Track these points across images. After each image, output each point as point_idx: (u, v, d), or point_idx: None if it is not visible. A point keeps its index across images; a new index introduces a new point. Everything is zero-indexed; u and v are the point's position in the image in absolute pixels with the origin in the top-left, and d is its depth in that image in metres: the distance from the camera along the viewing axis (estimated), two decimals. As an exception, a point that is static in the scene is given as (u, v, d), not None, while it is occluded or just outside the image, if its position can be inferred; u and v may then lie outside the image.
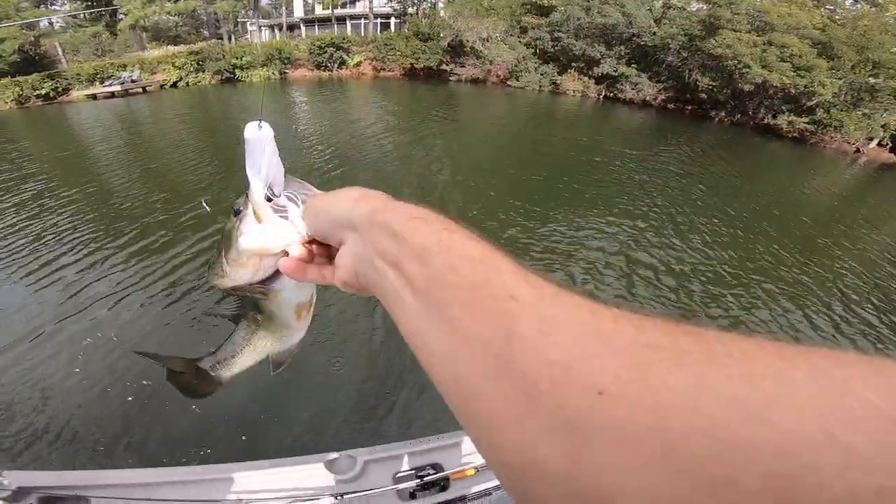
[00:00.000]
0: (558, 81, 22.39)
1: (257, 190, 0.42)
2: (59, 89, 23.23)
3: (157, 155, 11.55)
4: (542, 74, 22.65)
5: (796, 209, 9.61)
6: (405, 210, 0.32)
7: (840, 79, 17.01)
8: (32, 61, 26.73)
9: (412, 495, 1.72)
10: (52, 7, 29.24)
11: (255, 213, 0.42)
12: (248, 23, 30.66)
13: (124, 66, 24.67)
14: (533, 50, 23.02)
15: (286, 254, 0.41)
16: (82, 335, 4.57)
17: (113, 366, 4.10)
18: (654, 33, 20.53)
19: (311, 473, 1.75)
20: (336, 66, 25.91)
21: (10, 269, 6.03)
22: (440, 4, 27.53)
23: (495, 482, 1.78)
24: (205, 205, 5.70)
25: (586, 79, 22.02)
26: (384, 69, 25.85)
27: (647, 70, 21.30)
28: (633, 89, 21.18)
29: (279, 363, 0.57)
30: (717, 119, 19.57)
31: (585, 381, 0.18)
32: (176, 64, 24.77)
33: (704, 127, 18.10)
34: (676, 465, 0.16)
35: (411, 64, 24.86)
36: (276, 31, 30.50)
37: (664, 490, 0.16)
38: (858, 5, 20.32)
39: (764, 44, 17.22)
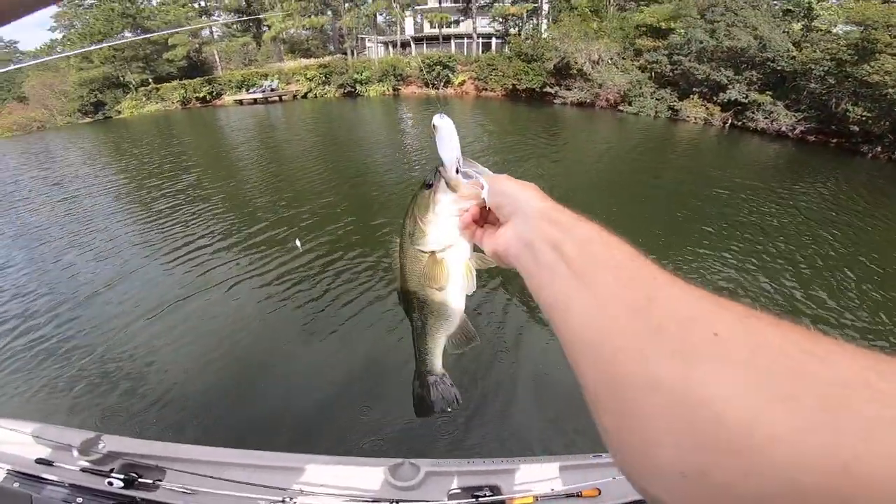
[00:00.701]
0: (677, 107, 20.66)
1: (450, 165, 0.54)
2: (214, 93, 28.04)
3: (286, 159, 13.30)
4: (658, 99, 21.15)
5: None
6: (571, 213, 0.42)
7: None
8: (195, 66, 32.51)
9: None
10: (213, 18, 35.10)
11: (448, 183, 0.55)
12: (367, 39, 33.60)
13: (265, 76, 28.82)
14: (649, 74, 21.62)
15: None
16: (197, 314, 5.35)
17: (216, 347, 4.69)
18: (793, 58, 18.08)
19: (373, 475, 1.79)
20: (442, 84, 27.12)
21: (157, 248, 7.38)
22: (544, 25, 27.37)
23: None
24: (298, 244, 6.42)
25: (711, 105, 20.01)
26: (486, 89, 26.34)
27: (783, 97, 18.76)
28: (766, 118, 18.76)
29: (467, 338, 0.68)
30: (870, 154, 16.35)
31: (708, 327, 0.25)
32: (307, 76, 28.20)
33: (854, 164, 15.20)
34: (767, 381, 0.21)
35: (513, 85, 24.93)
36: (391, 47, 32.95)
37: (752, 393, 0.21)
38: None
39: None
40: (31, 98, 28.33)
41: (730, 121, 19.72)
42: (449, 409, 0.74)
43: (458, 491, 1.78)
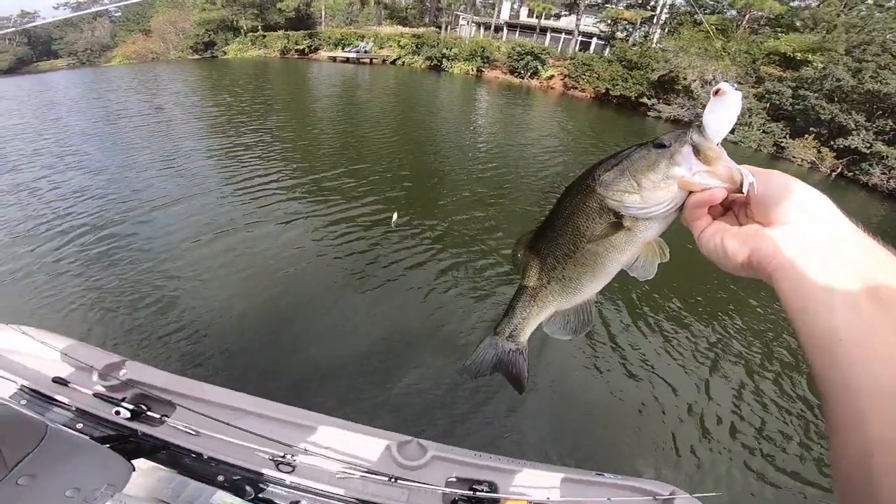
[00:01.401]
0: (784, 144, 18.65)
1: (715, 135, 0.46)
2: (312, 47, 29.48)
3: (363, 118, 13.74)
4: (765, 132, 19.19)
5: None
6: (887, 247, 0.35)
7: None
8: (301, 20, 34.07)
9: (454, 503, 1.67)
10: None
11: (701, 149, 0.46)
12: (462, 17, 33.37)
13: (362, 37, 29.91)
14: (764, 104, 19.67)
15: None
16: (246, 244, 5.58)
17: (255, 283, 4.83)
18: None
19: (379, 447, 1.79)
20: (528, 74, 26.46)
21: (230, 176, 7.87)
22: (656, 36, 25.61)
23: None
24: (395, 218, 6.33)
25: (825, 149, 17.88)
26: (575, 87, 25.27)
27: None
28: (883, 173, 16.45)
29: (582, 322, 0.59)
30: None
31: None
32: (400, 43, 28.89)
33: None
34: None
35: (606, 89, 23.70)
36: (483, 29, 32.48)
37: None
38: None
39: None
40: (155, 31, 31.08)
41: (840, 169, 17.53)
42: (513, 385, 0.64)
43: (457, 481, 1.76)
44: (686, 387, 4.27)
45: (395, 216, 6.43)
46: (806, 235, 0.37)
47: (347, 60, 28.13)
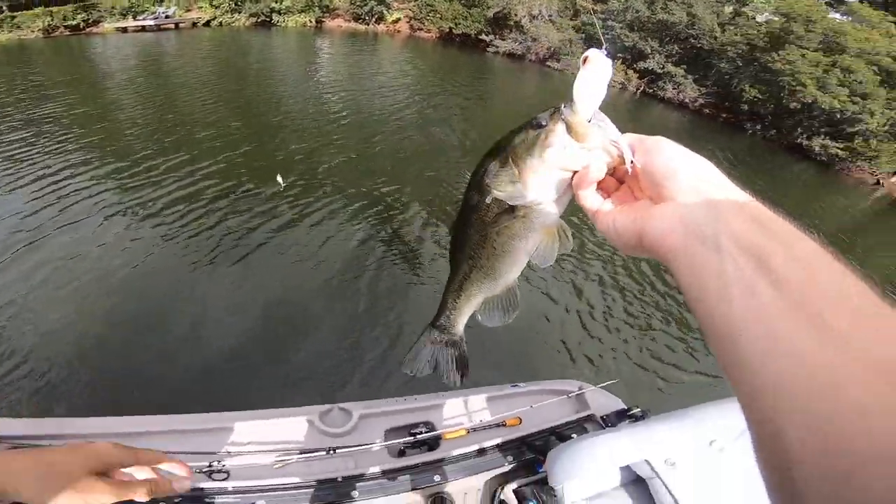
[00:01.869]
0: (601, 70, 21.88)
1: (584, 110, 0.44)
2: (90, 20, 22.82)
3: (177, 89, 11.38)
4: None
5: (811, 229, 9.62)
6: (779, 215, 0.33)
7: (893, 110, 16.42)
8: None
9: (401, 452, 1.70)
10: None
11: (572, 127, 0.44)
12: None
13: (161, 1, 24.30)
14: (582, 35, 22.16)
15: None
16: (61, 256, 4.46)
17: (94, 294, 4.00)
18: (715, 38, 19.70)
19: (303, 425, 1.71)
20: (374, 20, 25.26)
21: (16, 182, 6.03)
22: None
23: (484, 444, 1.80)
24: (280, 180, 5.68)
25: (630, 71, 21.24)
26: (420, 29, 25.11)
27: (693, 72, 20.57)
28: (674, 89, 20.49)
29: (507, 307, 0.59)
30: (749, 132, 19.05)
31: None
32: (213, 2, 24.32)
33: (736, 137, 17.80)
34: None
35: (450, 28, 24.09)
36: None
37: None
38: None
39: (828, 65, 16.48)
40: None
41: (642, 87, 21.20)
42: (449, 380, 0.63)
43: (394, 430, 1.78)
44: (568, 300, 4.95)
45: (279, 178, 5.80)
46: (695, 214, 0.34)
47: (144, 29, 22.63)
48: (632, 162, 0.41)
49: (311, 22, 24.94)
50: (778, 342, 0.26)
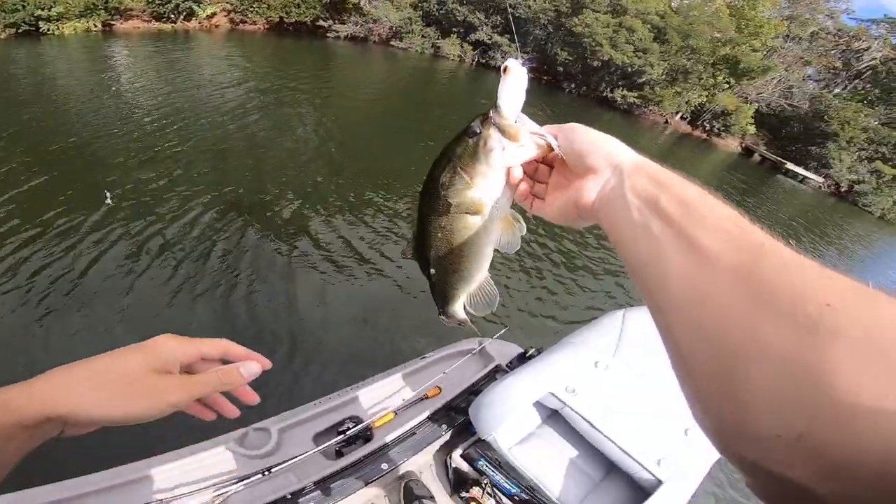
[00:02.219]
0: (439, 45, 22.53)
1: (510, 113, 0.50)
2: None
3: None
4: (424, 37, 22.49)
5: None
6: (669, 169, 0.40)
7: (665, 61, 20.66)
8: None
9: (338, 453, 1.67)
10: None
11: (503, 130, 0.50)
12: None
13: None
14: (420, 12, 22.60)
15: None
16: None
17: None
18: (529, 7, 21.75)
19: (225, 455, 1.58)
20: (182, 17, 21.60)
21: None
22: None
23: (415, 421, 1.82)
24: (108, 196, 4.57)
25: (466, 45, 22.52)
26: (244, 21, 22.39)
27: (517, 41, 22.76)
28: (503, 58, 22.43)
29: (488, 299, 0.64)
30: (567, 90, 22.29)
31: (818, 297, 0.25)
32: None
33: (557, 96, 20.72)
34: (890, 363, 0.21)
35: (280, 17, 22.03)
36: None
37: (882, 382, 0.21)
38: None
39: (616, 26, 19.68)
40: None
41: (476, 59, 22.91)
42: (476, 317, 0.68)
43: (322, 432, 1.74)
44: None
45: (106, 194, 4.88)
46: (610, 180, 0.42)
47: None
48: (557, 147, 0.49)
49: (95, 26, 20.10)
50: (668, 266, 0.33)
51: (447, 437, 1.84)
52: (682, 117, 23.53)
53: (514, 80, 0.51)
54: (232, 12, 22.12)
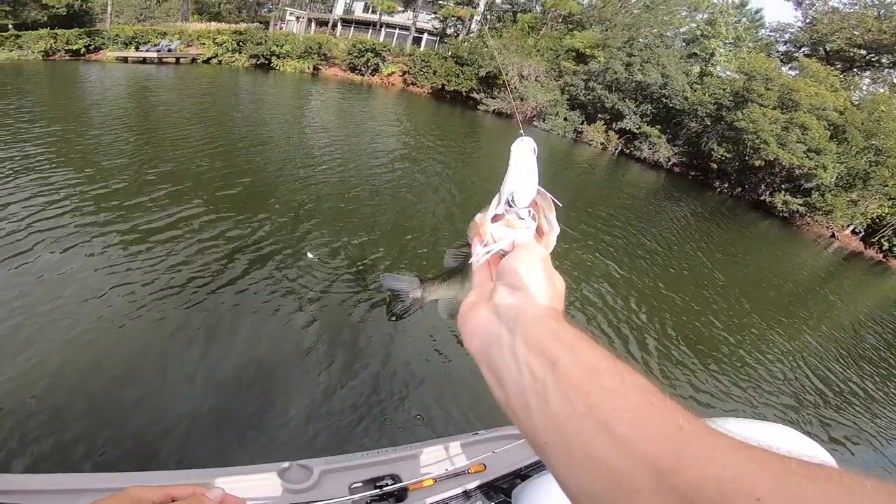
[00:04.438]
0: (582, 130, 22.85)
1: (494, 204, 0.46)
2: (92, 47, 23.09)
3: (166, 123, 11.14)
4: (566, 120, 23.11)
5: (776, 283, 10.53)
6: (576, 328, 0.34)
7: (842, 163, 17.42)
8: (75, 17, 27.03)
9: None
10: None
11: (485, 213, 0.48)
12: (289, 12, 31.27)
13: (164, 34, 24.91)
14: (567, 95, 23.49)
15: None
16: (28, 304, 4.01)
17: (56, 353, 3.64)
18: (686, 98, 21.08)
19: (262, 483, 1.66)
20: (369, 71, 26.37)
21: None
22: (473, 28, 28.16)
23: (451, 493, 1.78)
24: (310, 255, 5.39)
25: (611, 132, 22.42)
26: (414, 84, 26.27)
27: (667, 132, 21.77)
28: (650, 149, 21.63)
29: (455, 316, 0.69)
30: (719, 190, 20.24)
31: (748, 491, 0.23)
32: (217, 41, 25.11)
33: (705, 195, 18.95)
34: None
35: (442, 84, 25.29)
36: (314, 24, 31.02)
37: None
38: (878, 87, 21.28)
39: (786, 122, 17.63)
40: None
41: (620, 147, 22.46)
42: (390, 314, 0.82)
43: (360, 484, 1.75)
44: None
45: (310, 254, 5.58)
46: (499, 319, 0.37)
47: (144, 61, 22.96)
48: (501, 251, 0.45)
49: (309, 68, 25.96)
50: (573, 453, 0.28)
51: (482, 513, 1.77)
52: (853, 231, 19.20)
53: (513, 160, 0.45)
54: (406, 73, 26.48)
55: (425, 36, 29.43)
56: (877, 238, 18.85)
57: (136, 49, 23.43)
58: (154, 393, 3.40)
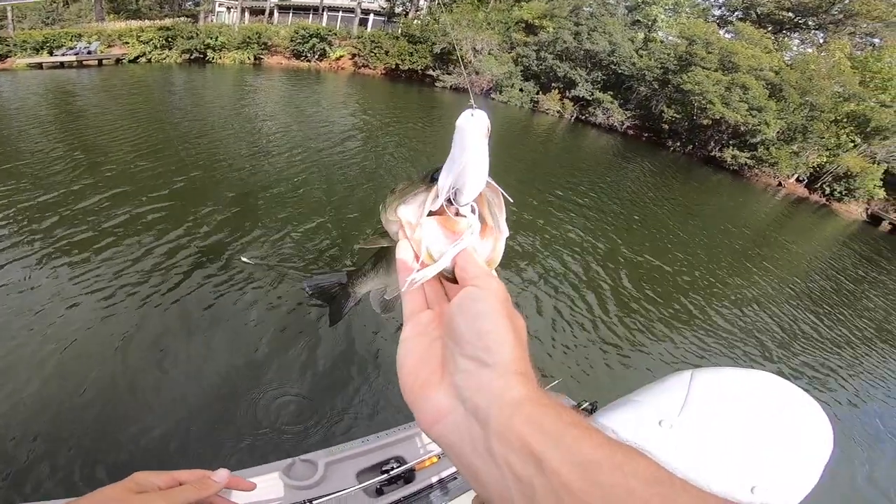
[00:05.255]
0: (538, 100, 23.12)
1: (441, 187, 0.35)
2: None
3: (94, 127, 10.31)
4: (521, 90, 23.28)
5: (733, 231, 11.13)
6: (558, 408, 0.27)
7: (782, 119, 18.74)
8: None
9: (379, 491, 1.67)
10: None
11: (408, 205, 0.38)
12: (218, 3, 29.39)
13: (79, 37, 22.78)
14: (521, 67, 23.61)
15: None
16: None
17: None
18: (634, 64, 21.69)
19: (268, 484, 1.63)
20: (316, 57, 25.35)
21: None
22: (421, 5, 27.57)
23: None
24: (245, 259, 5.05)
25: (566, 100, 22.83)
26: (366, 66, 25.54)
27: (618, 97, 22.47)
28: (604, 114, 22.26)
29: (389, 308, 0.65)
30: (671, 149, 21.23)
31: None
32: (142, 39, 23.30)
33: (660, 154, 19.79)
34: None
35: (396, 64, 24.76)
36: (248, 14, 29.36)
37: None
38: (806, 48, 22.73)
39: (728, 83, 18.71)
40: None
41: (576, 114, 22.97)
42: (329, 317, 0.82)
43: (366, 470, 1.75)
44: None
45: (244, 258, 5.31)
46: (464, 394, 0.29)
47: (62, 65, 20.95)
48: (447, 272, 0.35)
49: (249, 59, 24.62)
50: None
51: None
52: (798, 179, 21.00)
53: (458, 139, 0.33)
54: (356, 56, 25.59)
55: (371, 17, 28.47)
56: (819, 184, 20.66)
57: (51, 54, 21.30)
58: (138, 408, 3.23)
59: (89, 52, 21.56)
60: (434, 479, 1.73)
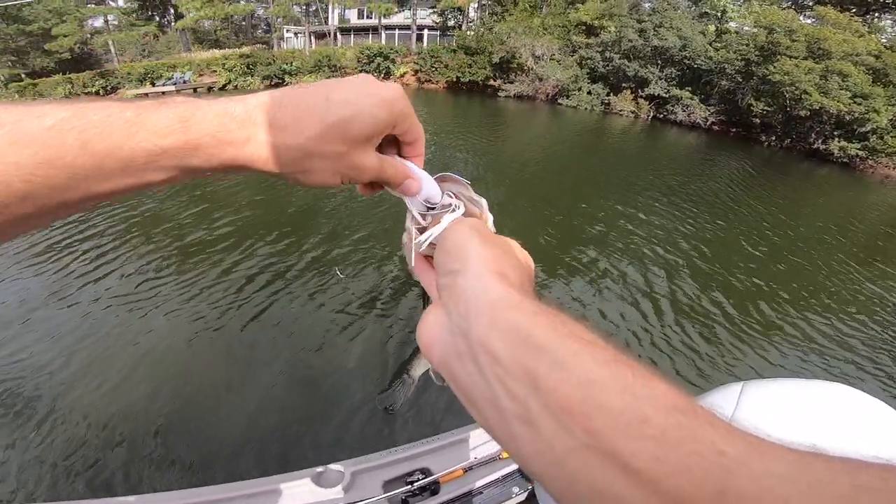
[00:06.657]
0: (609, 101, 22.12)
1: (412, 219, 0.43)
2: (108, 88, 24.36)
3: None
4: (589, 93, 22.43)
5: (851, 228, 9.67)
6: (553, 314, 0.24)
7: (894, 105, 16.29)
8: (80, 60, 28.53)
9: (404, 502, 1.69)
10: (109, 4, 29.76)
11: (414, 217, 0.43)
12: (285, 29, 31.78)
13: (174, 67, 25.82)
14: (586, 70, 22.82)
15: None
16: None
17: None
18: (710, 57, 20.09)
19: (298, 490, 1.72)
20: (382, 75, 26.57)
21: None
22: (472, 17, 27.75)
23: (484, 481, 1.79)
24: (339, 272, 5.29)
25: (640, 100, 21.57)
26: (428, 81, 26.25)
27: (697, 93, 20.83)
28: (683, 111, 20.73)
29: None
30: (766, 143, 19.11)
31: None
32: (226, 66, 25.93)
33: (753, 150, 17.78)
34: None
35: (457, 77, 25.14)
36: (312, 38, 31.22)
37: None
38: None
39: (823, 71, 16.64)
40: None
41: (653, 113, 21.48)
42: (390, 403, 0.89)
43: (392, 481, 1.78)
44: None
45: (338, 270, 5.58)
46: (452, 319, 0.28)
47: (164, 94, 24.09)
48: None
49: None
50: (581, 493, 0.21)
51: (516, 499, 1.76)
52: None
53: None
54: (419, 72, 26.48)
55: (426, 32, 29.18)
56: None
57: (153, 84, 24.48)
58: (207, 415, 3.50)
59: (185, 82, 24.55)
60: (459, 492, 1.73)
